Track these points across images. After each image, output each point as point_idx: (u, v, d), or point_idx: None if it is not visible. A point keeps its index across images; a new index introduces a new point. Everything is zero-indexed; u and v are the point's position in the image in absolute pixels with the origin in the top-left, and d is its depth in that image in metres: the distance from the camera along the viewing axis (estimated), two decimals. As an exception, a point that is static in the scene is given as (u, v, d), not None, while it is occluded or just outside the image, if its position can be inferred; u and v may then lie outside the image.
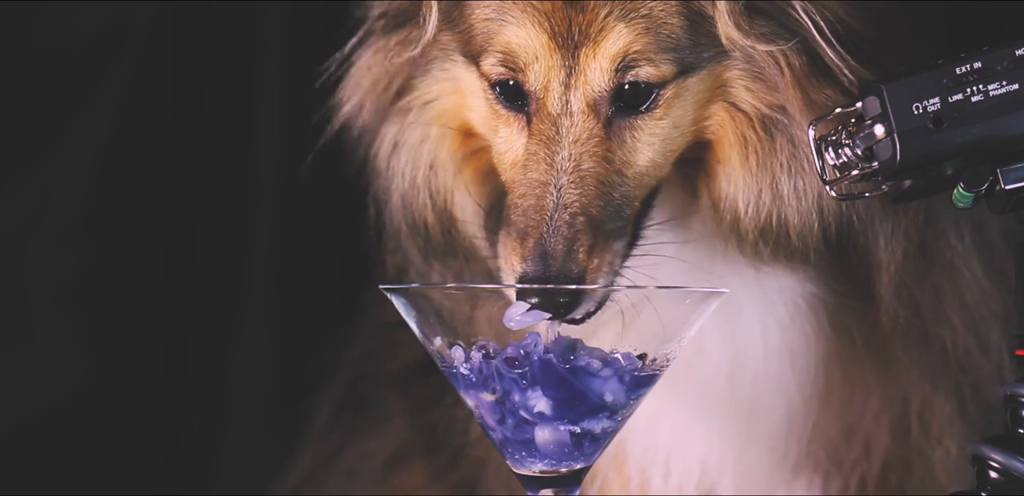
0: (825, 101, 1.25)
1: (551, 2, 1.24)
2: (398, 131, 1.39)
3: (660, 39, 1.24)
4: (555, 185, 1.23)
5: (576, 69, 1.25)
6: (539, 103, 1.26)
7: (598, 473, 1.46)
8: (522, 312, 1.15)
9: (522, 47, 1.26)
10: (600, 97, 1.25)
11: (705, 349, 1.38)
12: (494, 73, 1.28)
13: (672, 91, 1.26)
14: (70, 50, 1.87)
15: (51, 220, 1.89)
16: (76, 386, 1.88)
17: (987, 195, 1.15)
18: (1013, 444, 1.15)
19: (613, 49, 1.24)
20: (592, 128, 1.25)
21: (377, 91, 1.38)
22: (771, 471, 1.43)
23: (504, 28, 1.26)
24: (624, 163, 1.26)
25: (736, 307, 1.37)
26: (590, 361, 1.12)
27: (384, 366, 1.68)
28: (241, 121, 1.91)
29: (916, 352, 1.39)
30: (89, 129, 1.88)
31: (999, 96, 1.13)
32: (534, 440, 1.13)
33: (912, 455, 1.42)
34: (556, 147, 1.25)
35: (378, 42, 1.37)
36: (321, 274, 1.95)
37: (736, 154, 1.29)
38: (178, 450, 1.92)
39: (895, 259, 1.31)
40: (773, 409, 1.40)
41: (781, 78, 1.26)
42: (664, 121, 1.27)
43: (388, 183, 1.40)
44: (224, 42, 1.91)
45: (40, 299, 1.89)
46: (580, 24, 1.24)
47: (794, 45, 1.25)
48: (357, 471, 1.70)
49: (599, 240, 1.22)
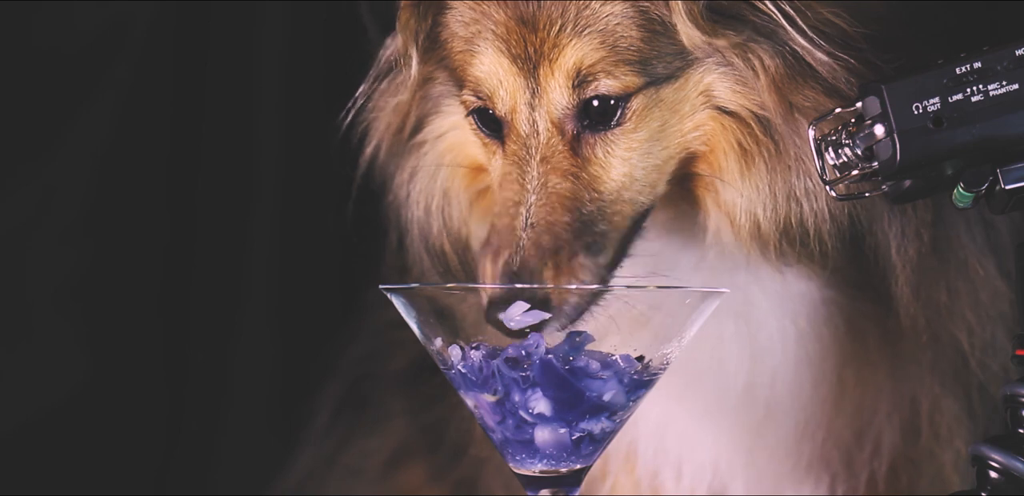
0: (804, 103, 1.24)
1: (506, 25, 1.26)
2: (415, 160, 1.40)
3: (618, 52, 1.24)
4: (525, 204, 1.24)
5: (538, 89, 1.26)
6: (510, 126, 1.27)
7: (609, 474, 1.46)
8: (522, 312, 1.15)
9: (487, 73, 1.27)
10: (564, 114, 1.26)
11: (724, 355, 1.38)
12: (469, 102, 1.30)
13: (641, 103, 1.26)
14: (70, 50, 1.87)
15: (51, 220, 1.89)
16: (76, 386, 1.88)
17: (987, 195, 1.15)
18: (1013, 444, 1.15)
19: (567, 65, 1.24)
20: (557, 145, 1.26)
21: (392, 131, 1.40)
22: (783, 472, 1.43)
23: (473, 58, 1.28)
24: (595, 178, 1.26)
25: (757, 314, 1.37)
26: (589, 362, 1.12)
27: (385, 366, 1.68)
28: (241, 121, 1.91)
29: (928, 353, 1.39)
30: (89, 129, 1.88)
31: (999, 96, 1.12)
32: (534, 441, 1.13)
33: (922, 455, 1.42)
34: (527, 167, 1.26)
35: (387, 85, 1.39)
36: (321, 273, 1.95)
37: (734, 162, 1.28)
38: (178, 450, 1.92)
39: (909, 258, 1.31)
40: (787, 411, 1.40)
41: (757, 81, 1.26)
42: (639, 134, 1.27)
43: (407, 212, 1.41)
44: (224, 42, 1.91)
45: (40, 299, 1.90)
46: (535, 44, 1.25)
47: (769, 47, 1.25)
48: (357, 470, 1.70)
49: (565, 259, 1.23)
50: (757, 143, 1.27)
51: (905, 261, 1.31)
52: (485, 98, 1.28)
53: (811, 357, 1.38)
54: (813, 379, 1.39)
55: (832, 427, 1.41)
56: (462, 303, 1.18)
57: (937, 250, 1.33)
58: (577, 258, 1.23)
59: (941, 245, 1.34)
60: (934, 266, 1.34)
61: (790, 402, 1.40)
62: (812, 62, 1.24)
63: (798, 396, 1.39)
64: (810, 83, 1.24)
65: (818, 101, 1.24)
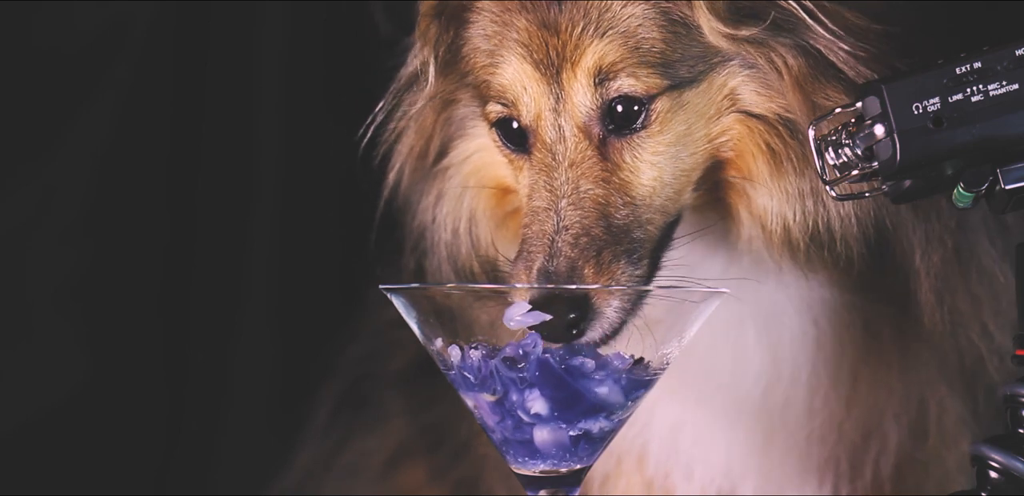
0: (825, 102, 1.24)
1: (528, 31, 1.26)
2: (440, 183, 1.40)
3: (640, 53, 1.24)
4: (556, 209, 1.23)
5: (562, 94, 1.25)
6: (536, 135, 1.27)
7: (621, 475, 1.46)
8: (522, 312, 1.15)
9: (511, 80, 1.27)
10: (589, 117, 1.25)
11: (746, 357, 1.38)
12: (492, 113, 1.30)
13: (665, 105, 1.26)
14: (70, 50, 1.87)
15: (51, 220, 1.89)
16: (76, 386, 1.88)
17: (987, 195, 1.15)
18: (1013, 444, 1.15)
19: (589, 64, 1.24)
20: (586, 150, 1.25)
21: (415, 155, 1.39)
22: (792, 473, 1.43)
23: (496, 69, 1.28)
24: (626, 183, 1.25)
25: (780, 319, 1.37)
26: (584, 361, 1.12)
27: (385, 365, 1.68)
28: (241, 121, 1.91)
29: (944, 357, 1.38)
30: (89, 129, 1.88)
31: (999, 96, 1.12)
32: (533, 440, 1.13)
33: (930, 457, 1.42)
34: (555, 173, 1.25)
35: (407, 106, 1.38)
36: (321, 273, 1.95)
37: (764, 165, 1.28)
38: (178, 450, 1.92)
39: (933, 265, 1.30)
40: (801, 413, 1.40)
41: (781, 82, 1.25)
42: (665, 137, 1.26)
43: (434, 234, 1.41)
44: (224, 42, 1.91)
45: (40, 299, 1.90)
46: (557, 47, 1.25)
47: (792, 46, 1.25)
48: (357, 470, 1.70)
49: (606, 260, 1.22)
50: (785, 146, 1.27)
51: (929, 267, 1.30)
52: (510, 105, 1.28)
53: (829, 360, 1.38)
54: (831, 381, 1.39)
55: (843, 429, 1.41)
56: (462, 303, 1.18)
57: (960, 257, 1.33)
58: (619, 263, 1.23)
59: (963, 252, 1.34)
60: (957, 272, 1.33)
61: (806, 405, 1.39)
62: (835, 60, 1.24)
63: (814, 399, 1.39)
64: (832, 83, 1.24)
65: (841, 100, 1.23)
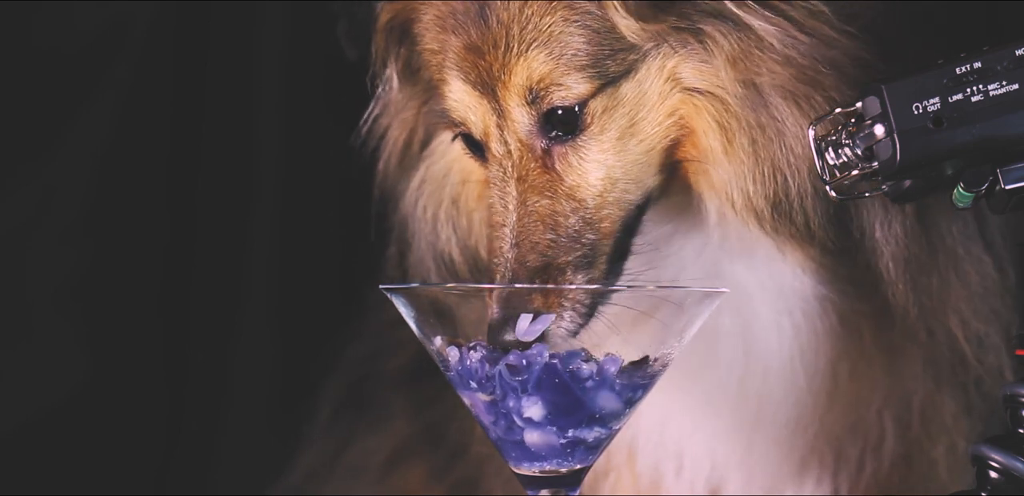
0: (766, 75, 1.24)
1: (459, 54, 1.27)
2: (423, 170, 1.41)
3: (567, 60, 1.25)
4: (509, 226, 1.25)
5: (502, 111, 1.27)
6: (488, 149, 1.29)
7: (611, 470, 1.47)
8: (528, 322, 1.16)
9: (457, 101, 1.29)
10: (529, 131, 1.26)
11: (719, 349, 1.38)
12: (452, 128, 1.32)
13: (601, 104, 1.26)
14: (70, 50, 1.87)
15: (51, 219, 1.89)
16: (76, 386, 1.88)
17: (987, 195, 1.15)
18: (1013, 444, 1.15)
19: (519, 82, 1.25)
20: (530, 163, 1.26)
21: (400, 145, 1.41)
22: (778, 466, 1.43)
23: (444, 86, 1.30)
24: (574, 188, 1.26)
25: (752, 309, 1.37)
26: (580, 365, 1.12)
27: (386, 365, 1.68)
28: (241, 121, 1.92)
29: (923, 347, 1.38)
30: (89, 129, 1.88)
31: (999, 96, 1.12)
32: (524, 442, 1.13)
33: (913, 451, 1.42)
34: (507, 187, 1.27)
35: (391, 105, 1.40)
36: (322, 273, 1.95)
37: (716, 141, 1.27)
38: (178, 450, 1.92)
39: (895, 235, 1.30)
40: (781, 405, 1.40)
41: (715, 59, 1.25)
42: (608, 134, 1.27)
43: (415, 223, 1.42)
44: (224, 42, 1.91)
45: (40, 299, 1.90)
46: (487, 69, 1.26)
47: (715, 25, 1.24)
48: (358, 470, 1.70)
49: (554, 276, 1.23)
50: (736, 118, 1.27)
51: (889, 237, 1.30)
52: (460, 124, 1.30)
53: (804, 351, 1.38)
54: (807, 373, 1.39)
55: (824, 421, 1.41)
56: (462, 303, 1.18)
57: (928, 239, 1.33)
58: (565, 276, 1.24)
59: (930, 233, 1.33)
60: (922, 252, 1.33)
61: (784, 395, 1.40)
62: (764, 35, 1.24)
63: (791, 390, 1.40)
64: (768, 54, 1.24)
65: (778, 77, 1.24)
